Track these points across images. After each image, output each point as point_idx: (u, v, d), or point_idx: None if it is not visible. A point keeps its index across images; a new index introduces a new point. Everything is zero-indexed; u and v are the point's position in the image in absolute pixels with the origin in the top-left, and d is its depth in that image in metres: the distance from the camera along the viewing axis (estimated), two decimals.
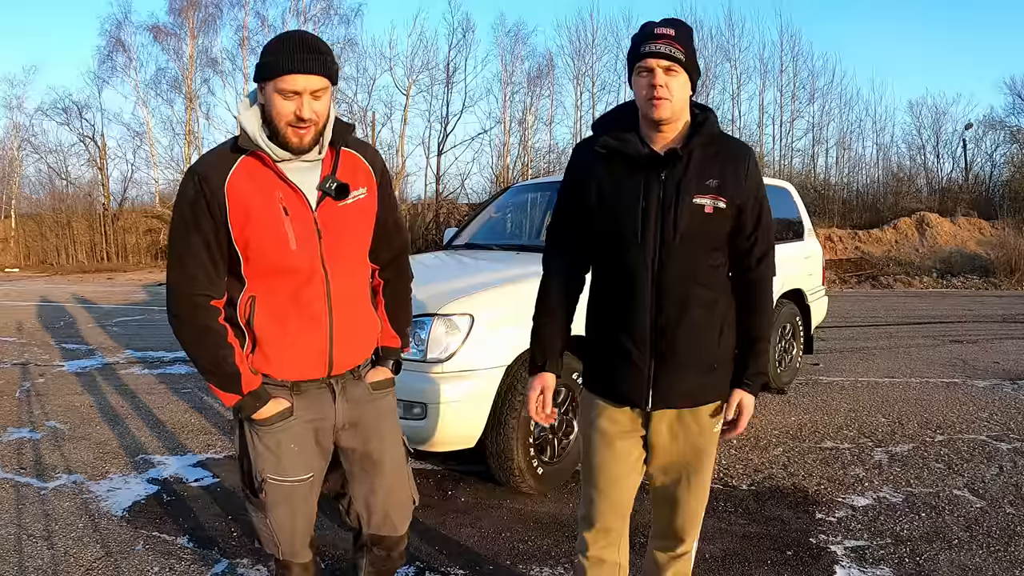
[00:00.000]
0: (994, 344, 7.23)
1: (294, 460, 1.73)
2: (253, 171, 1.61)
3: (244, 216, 1.60)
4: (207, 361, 1.65)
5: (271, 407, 1.69)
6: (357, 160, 1.76)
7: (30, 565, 2.67)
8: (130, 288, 15.30)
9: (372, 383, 1.85)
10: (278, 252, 1.62)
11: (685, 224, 1.63)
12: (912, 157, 22.05)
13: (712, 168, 1.66)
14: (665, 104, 1.60)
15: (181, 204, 1.62)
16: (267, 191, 1.61)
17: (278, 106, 1.56)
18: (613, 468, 1.79)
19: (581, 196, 1.76)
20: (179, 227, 1.62)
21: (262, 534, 1.84)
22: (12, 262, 24.46)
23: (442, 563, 2.69)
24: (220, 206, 1.59)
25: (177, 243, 1.63)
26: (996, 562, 2.64)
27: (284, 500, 1.76)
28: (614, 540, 1.86)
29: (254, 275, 1.65)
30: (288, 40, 1.55)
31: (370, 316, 1.84)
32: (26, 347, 7.53)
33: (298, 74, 1.52)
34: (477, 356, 3.07)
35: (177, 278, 1.63)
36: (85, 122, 25.07)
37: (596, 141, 1.74)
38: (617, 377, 1.74)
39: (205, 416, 4.77)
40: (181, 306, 1.64)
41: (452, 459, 3.66)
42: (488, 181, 23.14)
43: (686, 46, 1.61)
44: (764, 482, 3.50)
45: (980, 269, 14.96)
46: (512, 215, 5.34)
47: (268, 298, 1.66)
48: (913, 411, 4.74)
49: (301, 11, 23.78)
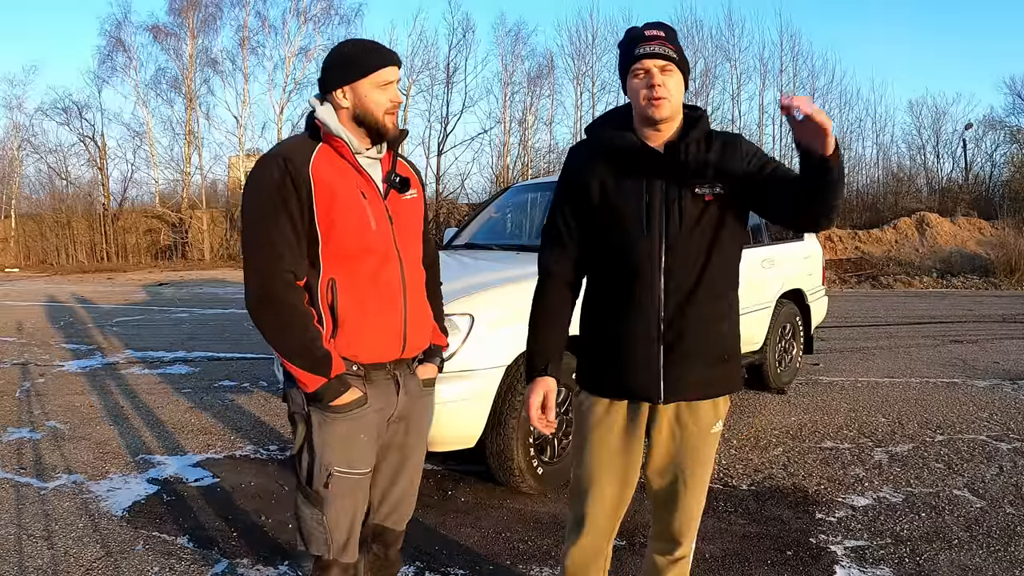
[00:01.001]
0: (994, 344, 7.23)
1: (363, 451, 1.75)
2: (331, 158, 1.71)
3: (329, 197, 1.67)
4: (297, 343, 1.64)
5: (351, 394, 1.71)
6: (406, 166, 1.89)
7: (30, 565, 2.67)
8: (130, 288, 15.30)
9: (423, 380, 1.92)
10: (360, 232, 1.70)
11: (689, 215, 1.66)
12: (912, 157, 22.08)
13: (709, 158, 1.69)
14: (664, 103, 1.62)
15: (265, 187, 1.64)
16: (346, 176, 1.71)
17: (376, 98, 1.69)
18: (608, 469, 1.79)
19: (581, 196, 1.76)
20: (264, 209, 1.64)
21: (314, 533, 1.77)
22: (12, 262, 24.47)
23: (442, 563, 2.69)
24: (306, 187, 1.65)
25: (262, 225, 1.64)
26: (996, 562, 2.64)
27: (347, 494, 1.75)
28: (604, 537, 1.87)
29: (332, 257, 1.69)
30: (362, 42, 1.74)
31: (428, 305, 1.94)
32: (26, 347, 7.53)
33: (391, 65, 1.71)
34: (477, 356, 3.07)
35: (267, 259, 1.63)
36: (85, 122, 25.13)
37: (592, 142, 1.77)
38: (623, 372, 1.73)
39: (205, 416, 4.77)
40: (273, 286, 1.64)
41: (452, 459, 3.67)
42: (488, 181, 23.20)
43: (676, 46, 1.65)
44: (764, 482, 3.50)
45: (980, 269, 14.96)
46: (512, 215, 5.34)
47: (349, 280, 1.71)
48: (913, 411, 4.74)
49: (301, 11, 23.81)
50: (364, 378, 1.76)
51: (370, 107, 1.70)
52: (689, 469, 1.78)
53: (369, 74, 1.69)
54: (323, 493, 1.73)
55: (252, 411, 4.91)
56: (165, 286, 15.70)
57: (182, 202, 24.70)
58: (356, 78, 1.69)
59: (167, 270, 21.17)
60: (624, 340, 1.72)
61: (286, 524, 3.04)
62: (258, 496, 3.37)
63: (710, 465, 1.83)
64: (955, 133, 21.64)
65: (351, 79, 1.69)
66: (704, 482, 1.83)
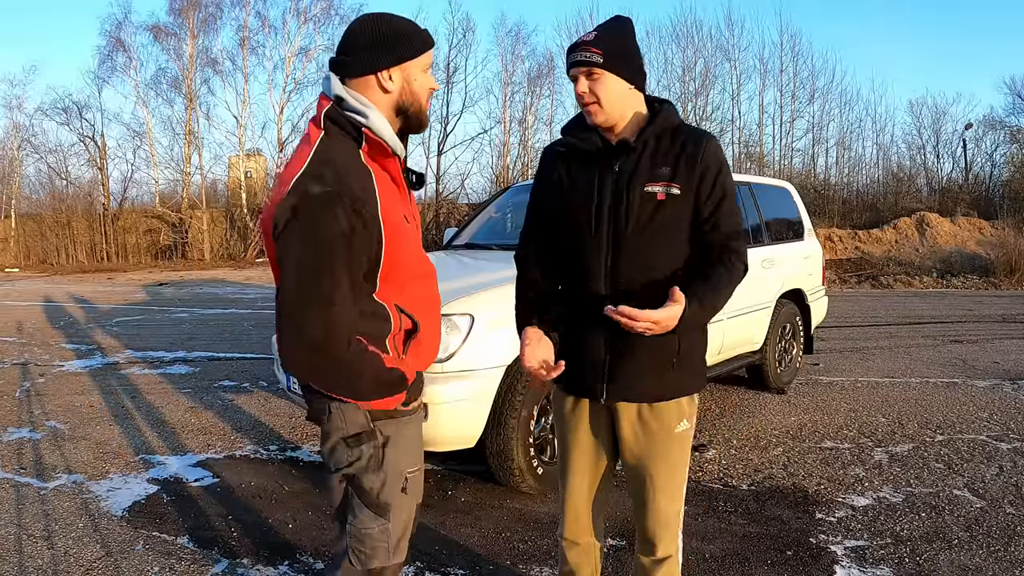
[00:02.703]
0: (994, 344, 7.23)
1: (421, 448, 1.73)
2: (382, 180, 1.49)
3: (393, 239, 1.48)
4: (370, 385, 1.49)
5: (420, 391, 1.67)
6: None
7: (30, 565, 2.67)
8: (130, 288, 15.30)
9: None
10: (418, 263, 1.59)
11: (637, 213, 1.65)
12: (912, 157, 22.05)
13: (666, 156, 1.67)
14: (595, 108, 1.65)
15: (332, 233, 1.37)
16: (395, 202, 1.52)
17: (424, 81, 1.52)
18: (575, 460, 1.86)
19: (546, 197, 1.82)
20: (327, 259, 1.38)
21: (379, 547, 1.61)
22: (12, 262, 24.47)
23: (442, 563, 2.69)
24: (377, 234, 1.44)
25: (327, 278, 1.39)
26: (996, 562, 2.64)
27: (415, 493, 1.68)
28: (584, 525, 1.91)
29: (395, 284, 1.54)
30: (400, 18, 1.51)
31: None
32: (26, 347, 7.53)
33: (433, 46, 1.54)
34: (477, 356, 3.07)
35: (332, 319, 1.40)
36: (85, 122, 25.12)
37: (560, 142, 1.80)
38: (576, 369, 1.76)
39: (205, 416, 4.77)
40: (336, 351, 1.43)
41: (452, 459, 3.67)
42: (488, 181, 23.19)
43: (607, 46, 1.61)
44: (764, 482, 3.50)
45: (980, 269, 14.96)
46: (512, 215, 5.33)
47: (415, 298, 1.59)
48: (913, 411, 4.74)
49: (301, 11, 23.80)
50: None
51: (418, 93, 1.51)
52: (656, 469, 1.77)
53: (421, 54, 1.50)
54: (397, 500, 1.61)
55: (252, 411, 4.91)
56: (165, 286, 15.69)
57: (182, 202, 24.70)
58: (408, 57, 1.48)
59: (167, 270, 21.17)
60: (576, 337, 1.76)
61: (286, 524, 3.04)
62: (258, 496, 3.37)
63: (682, 466, 1.81)
64: (955, 133, 21.64)
65: (403, 58, 1.48)
66: (676, 483, 1.80)
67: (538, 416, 3.27)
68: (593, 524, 1.93)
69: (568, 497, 1.90)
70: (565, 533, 1.93)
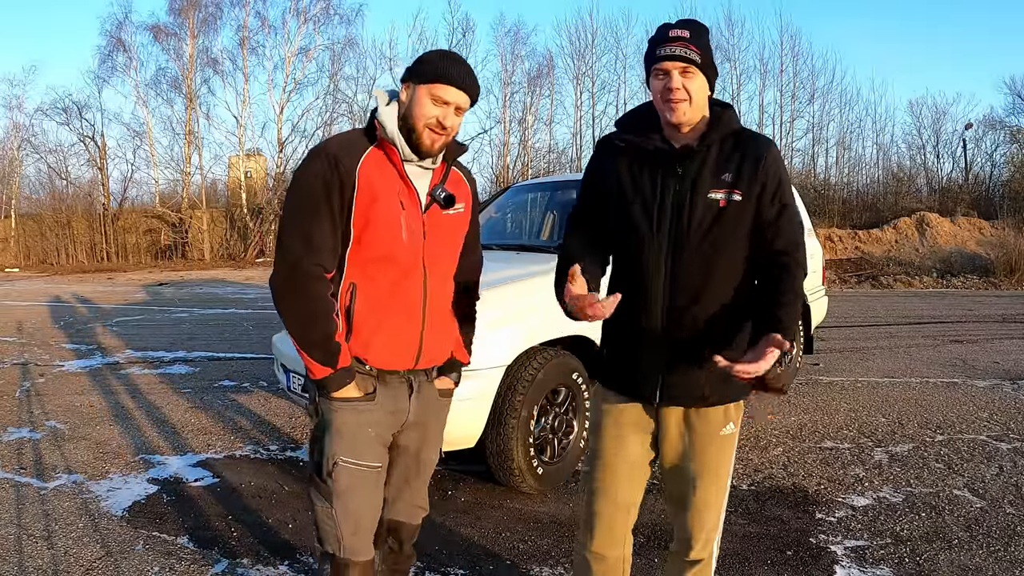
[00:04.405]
0: (994, 344, 7.23)
1: (369, 444, 1.78)
2: (379, 162, 1.74)
3: (370, 199, 1.70)
4: (316, 332, 1.68)
5: (354, 387, 1.74)
6: (460, 178, 1.92)
7: (30, 565, 2.67)
8: (130, 288, 15.30)
9: (439, 390, 1.95)
10: (390, 239, 1.72)
11: (699, 218, 1.64)
12: (912, 157, 22.07)
13: (728, 163, 1.66)
14: (682, 106, 1.62)
15: (311, 180, 1.68)
16: (390, 183, 1.73)
17: (425, 108, 1.70)
18: (617, 464, 1.79)
19: (600, 188, 1.79)
20: (306, 202, 1.69)
21: (324, 528, 1.80)
22: (12, 262, 24.47)
23: (442, 563, 2.69)
24: (351, 186, 1.69)
25: (302, 216, 1.69)
26: (996, 562, 2.64)
27: (354, 487, 1.77)
28: (619, 536, 1.83)
29: (358, 262, 1.73)
30: (453, 56, 1.74)
31: (453, 321, 1.95)
32: (26, 347, 7.53)
33: (457, 88, 1.71)
34: (477, 356, 3.04)
35: (300, 248, 1.67)
36: (85, 122, 25.09)
37: (617, 136, 1.77)
38: (628, 370, 1.74)
39: (205, 416, 4.77)
40: (299, 275, 1.68)
41: (452, 459, 3.66)
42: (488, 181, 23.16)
43: (702, 47, 1.62)
44: (764, 482, 3.50)
45: (980, 269, 14.96)
46: (512, 215, 5.34)
47: (368, 287, 1.74)
48: (913, 411, 4.74)
49: (301, 11, 23.80)
50: (377, 378, 1.78)
51: (415, 112, 1.71)
52: (699, 471, 1.75)
53: (431, 82, 1.70)
54: (330, 484, 1.75)
55: (252, 411, 4.90)
56: (165, 286, 15.69)
57: (182, 202, 24.69)
58: (418, 81, 1.71)
59: (167, 270, 21.16)
60: (630, 338, 1.73)
61: (286, 524, 3.04)
62: (258, 496, 3.37)
63: (725, 468, 1.79)
64: (955, 133, 21.65)
65: (415, 79, 1.72)
66: (719, 485, 1.78)
67: (538, 416, 3.27)
68: (628, 535, 1.86)
69: (610, 506, 1.80)
70: (593, 546, 1.82)
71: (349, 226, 1.70)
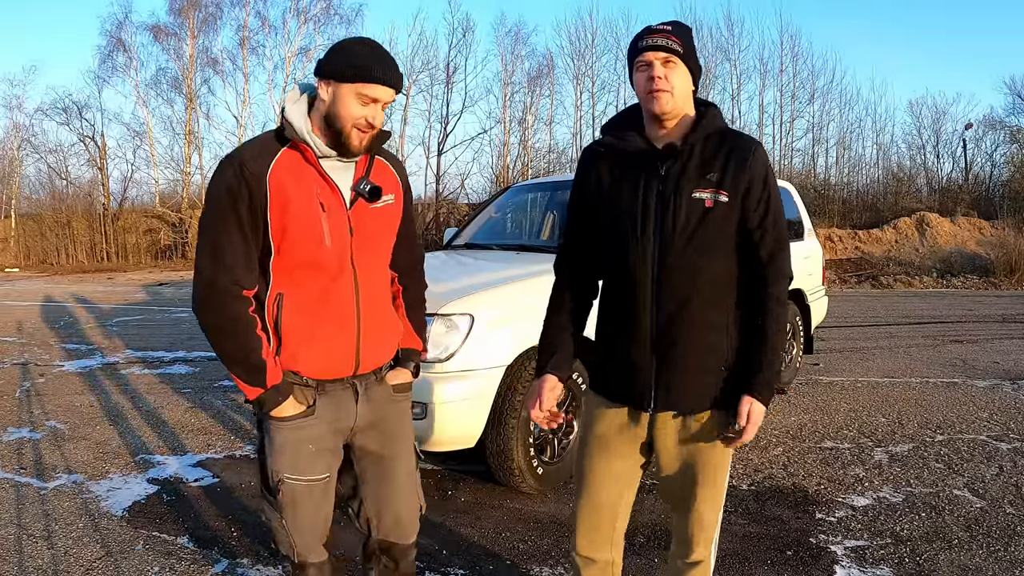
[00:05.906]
0: (994, 344, 7.23)
1: (311, 460, 1.73)
2: (293, 164, 1.64)
3: (283, 206, 1.61)
4: (236, 351, 1.64)
5: (291, 405, 1.69)
6: (387, 168, 1.81)
7: (30, 565, 2.67)
8: (130, 288, 15.30)
9: (394, 385, 1.86)
10: (312, 246, 1.64)
11: (685, 219, 1.62)
12: (912, 157, 22.03)
13: (713, 162, 1.63)
14: (664, 96, 1.59)
15: (219, 191, 1.59)
16: (306, 185, 1.64)
17: (352, 108, 1.60)
18: (603, 470, 1.78)
19: (586, 198, 1.77)
20: (215, 214, 1.60)
21: (278, 535, 1.81)
22: (12, 262, 24.46)
23: (442, 563, 2.69)
24: (262, 195, 1.59)
25: (212, 230, 1.61)
26: (996, 562, 2.64)
27: (301, 500, 1.75)
28: (604, 539, 1.82)
29: (282, 270, 1.66)
30: (377, 50, 1.62)
31: (393, 318, 1.87)
32: (26, 347, 7.53)
33: (386, 86, 1.60)
34: (477, 356, 3.07)
35: (211, 265, 1.60)
36: (85, 122, 25.07)
37: (601, 141, 1.75)
38: (620, 376, 1.72)
39: (205, 416, 4.77)
40: (214, 294, 1.61)
41: (452, 459, 3.66)
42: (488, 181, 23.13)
43: (684, 40, 1.61)
44: (764, 482, 3.50)
45: (980, 269, 14.96)
46: (512, 215, 5.34)
47: (296, 295, 1.67)
48: (913, 411, 4.74)
49: (301, 11, 23.77)
50: (316, 388, 1.73)
51: (341, 113, 1.60)
52: (696, 475, 1.74)
53: (355, 82, 1.59)
54: (278, 497, 1.74)
55: (252, 411, 4.90)
56: (165, 286, 15.69)
57: (182, 202, 24.67)
58: (342, 79, 1.59)
59: (167, 270, 21.16)
60: (621, 343, 1.71)
61: None
62: (258, 496, 3.36)
63: (723, 469, 1.77)
64: (955, 133, 21.62)
65: (338, 77, 1.59)
66: (717, 487, 1.77)
67: None
68: (616, 539, 1.85)
69: (592, 509, 1.79)
70: (579, 548, 1.82)
71: (268, 236, 1.61)
